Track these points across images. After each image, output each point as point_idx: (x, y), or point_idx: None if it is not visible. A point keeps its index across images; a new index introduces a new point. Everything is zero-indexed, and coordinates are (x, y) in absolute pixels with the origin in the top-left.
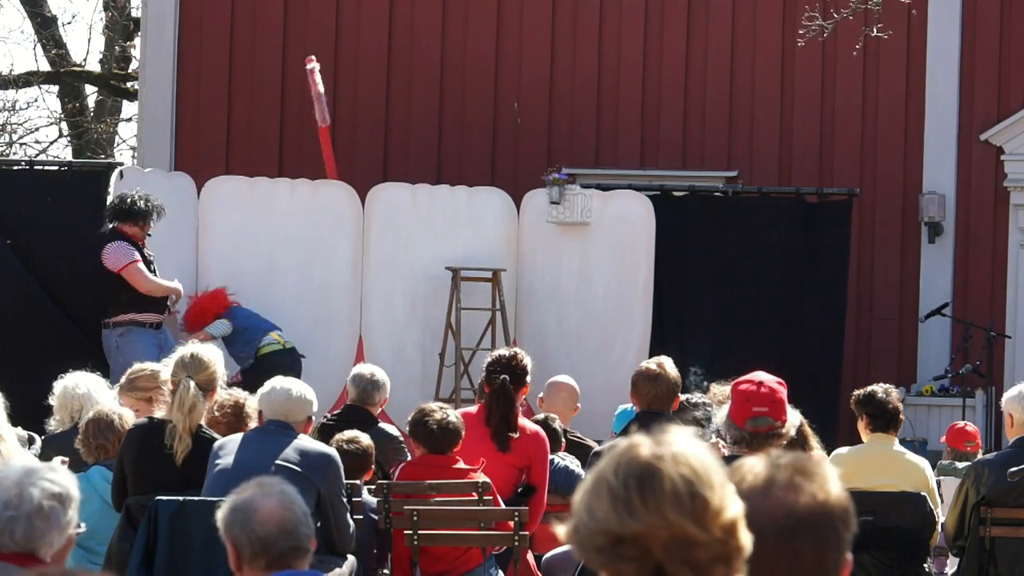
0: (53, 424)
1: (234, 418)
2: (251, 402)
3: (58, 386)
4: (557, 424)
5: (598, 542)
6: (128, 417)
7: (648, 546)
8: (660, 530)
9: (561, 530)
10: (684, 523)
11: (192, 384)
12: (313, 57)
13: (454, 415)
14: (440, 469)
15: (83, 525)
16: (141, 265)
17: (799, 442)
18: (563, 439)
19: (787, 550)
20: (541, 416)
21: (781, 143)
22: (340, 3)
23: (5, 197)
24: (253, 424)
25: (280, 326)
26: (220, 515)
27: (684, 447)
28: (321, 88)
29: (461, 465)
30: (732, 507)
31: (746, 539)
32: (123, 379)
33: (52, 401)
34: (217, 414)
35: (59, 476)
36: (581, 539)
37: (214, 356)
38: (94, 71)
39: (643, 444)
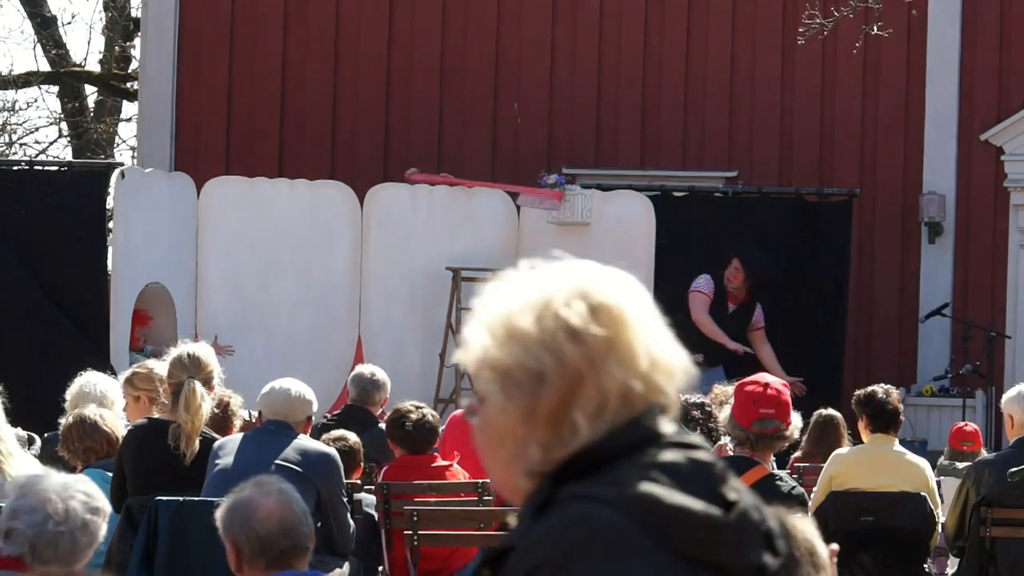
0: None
1: (220, 416)
2: (235, 400)
3: (74, 384)
4: None
5: None
6: (109, 418)
7: None
8: None
9: None
10: None
11: (198, 384)
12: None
13: (430, 413)
14: (420, 469)
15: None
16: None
17: (830, 439)
18: None
19: None
20: None
21: (781, 143)
22: (340, 3)
23: (5, 197)
24: (238, 423)
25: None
26: (219, 515)
27: None
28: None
29: (440, 463)
30: None
31: None
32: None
33: (67, 396)
34: (217, 412)
35: (93, 488)
36: None
37: (211, 354)
38: (94, 71)
39: None
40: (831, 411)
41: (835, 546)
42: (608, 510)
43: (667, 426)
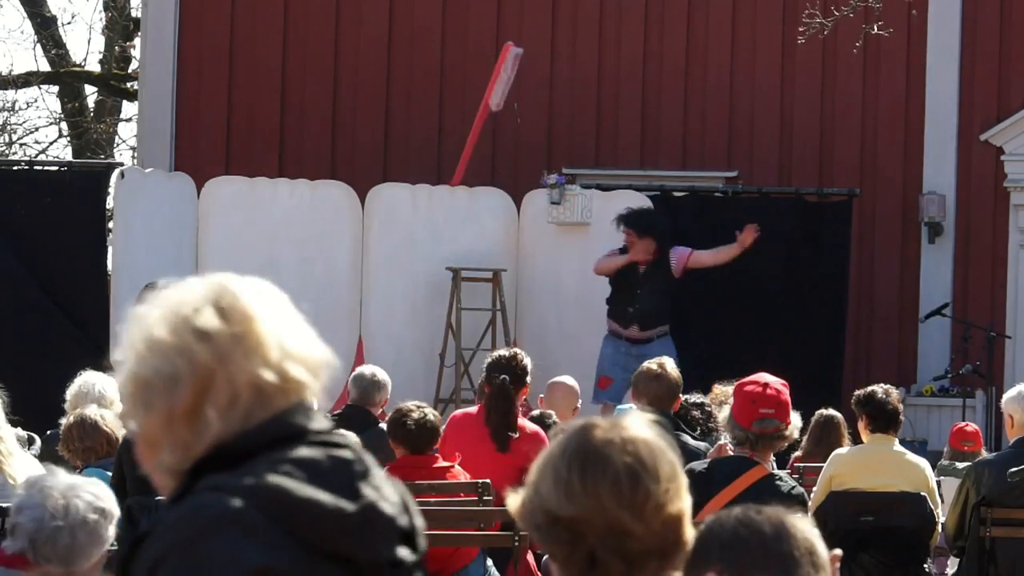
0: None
1: None
2: None
3: (74, 384)
4: (552, 420)
5: (538, 519)
6: (109, 418)
7: (582, 531)
8: (595, 517)
9: (512, 501)
10: (621, 513)
11: None
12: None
13: (432, 413)
14: (421, 470)
15: (117, 544)
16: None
17: (830, 439)
18: None
19: None
20: (536, 413)
21: (781, 143)
22: (340, 3)
23: (5, 197)
24: None
25: None
26: None
27: (636, 433)
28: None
29: (440, 464)
30: (677, 502)
31: (689, 536)
32: None
33: (67, 396)
34: None
35: (102, 491)
36: (525, 513)
37: None
38: (94, 71)
39: (597, 427)
40: (831, 411)
41: (838, 551)
42: (234, 499)
43: (316, 423)
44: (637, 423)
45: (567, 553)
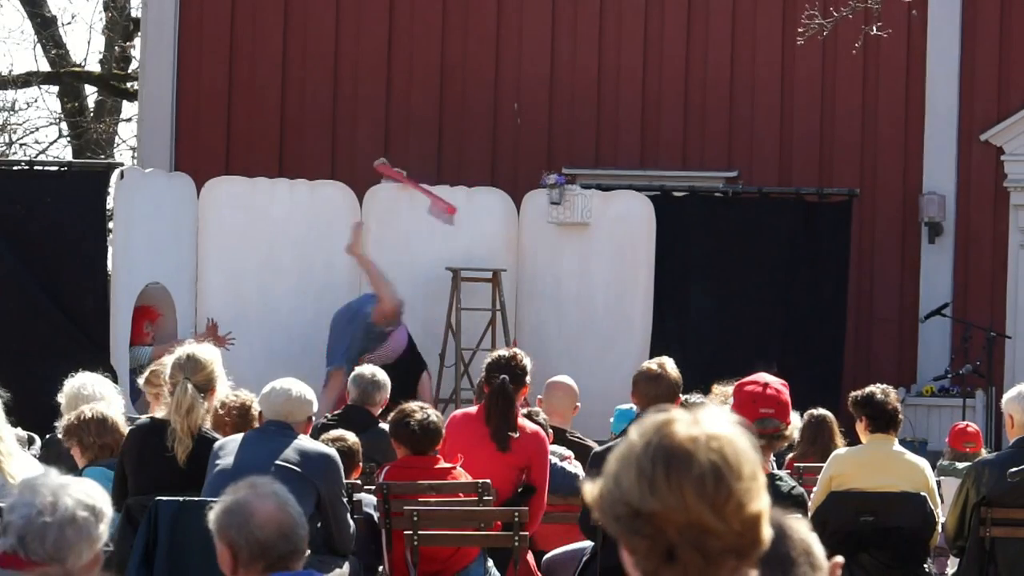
0: (60, 424)
1: (240, 419)
2: (257, 403)
3: (67, 386)
4: (541, 418)
5: (618, 511)
6: (116, 417)
7: (663, 527)
8: (678, 513)
9: (590, 490)
10: (703, 511)
11: (190, 386)
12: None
13: (434, 414)
14: (423, 470)
15: (111, 544)
16: None
17: (824, 438)
18: (549, 431)
19: None
20: (525, 411)
21: (781, 143)
22: (340, 3)
23: (5, 197)
24: (257, 425)
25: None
26: (213, 517)
27: (719, 430)
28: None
29: (442, 464)
30: (757, 501)
31: (766, 535)
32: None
33: (60, 399)
34: (221, 412)
35: (95, 490)
36: (604, 505)
37: (212, 356)
38: (94, 71)
39: (679, 421)
40: (822, 411)
41: (840, 558)
42: None
43: None
44: (718, 420)
45: (647, 547)
